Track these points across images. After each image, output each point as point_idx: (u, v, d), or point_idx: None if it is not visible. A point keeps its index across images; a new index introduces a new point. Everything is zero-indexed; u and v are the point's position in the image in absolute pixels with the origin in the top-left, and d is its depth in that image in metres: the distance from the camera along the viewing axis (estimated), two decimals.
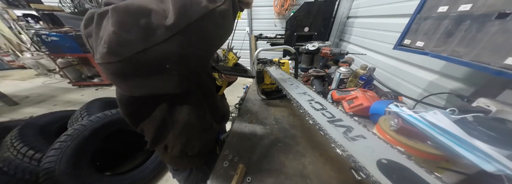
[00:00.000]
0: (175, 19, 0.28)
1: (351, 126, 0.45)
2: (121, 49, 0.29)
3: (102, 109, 1.69)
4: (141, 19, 0.28)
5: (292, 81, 0.77)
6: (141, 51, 0.29)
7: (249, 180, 0.55)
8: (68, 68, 3.66)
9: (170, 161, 0.72)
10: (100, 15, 0.30)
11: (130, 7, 0.28)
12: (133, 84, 0.37)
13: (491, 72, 0.41)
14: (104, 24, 0.29)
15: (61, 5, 3.88)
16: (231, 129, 0.84)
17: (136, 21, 0.28)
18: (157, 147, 0.65)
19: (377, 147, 0.38)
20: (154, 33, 0.29)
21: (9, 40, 4.47)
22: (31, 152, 1.26)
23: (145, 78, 0.35)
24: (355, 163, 0.34)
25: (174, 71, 0.35)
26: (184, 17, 0.29)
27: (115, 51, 0.29)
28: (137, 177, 1.51)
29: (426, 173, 0.31)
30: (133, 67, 0.32)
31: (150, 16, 0.28)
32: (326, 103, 0.56)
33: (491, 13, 0.41)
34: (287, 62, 1.08)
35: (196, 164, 0.76)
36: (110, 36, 0.27)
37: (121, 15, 0.27)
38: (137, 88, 0.39)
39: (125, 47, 0.29)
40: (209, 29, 0.33)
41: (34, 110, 2.80)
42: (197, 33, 0.32)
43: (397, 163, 0.34)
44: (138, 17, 0.28)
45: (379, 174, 0.32)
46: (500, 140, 0.38)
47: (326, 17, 1.98)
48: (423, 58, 0.80)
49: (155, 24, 0.28)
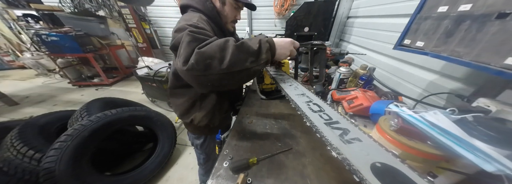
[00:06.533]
0: (227, 67, 0.50)
1: (347, 128, 0.44)
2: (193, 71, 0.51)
3: (102, 109, 1.69)
4: (207, 60, 0.50)
5: (291, 82, 0.77)
6: (202, 75, 0.51)
7: (249, 181, 0.55)
8: (68, 68, 3.67)
9: (193, 130, 1.03)
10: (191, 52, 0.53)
11: (205, 53, 0.49)
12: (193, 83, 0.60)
13: (491, 72, 0.41)
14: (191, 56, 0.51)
15: (61, 5, 3.89)
16: (231, 129, 0.84)
17: (204, 60, 0.49)
18: (183, 119, 0.94)
19: (372, 150, 0.38)
20: (211, 69, 0.50)
21: (9, 40, 4.47)
22: (31, 152, 1.26)
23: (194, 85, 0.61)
24: (350, 166, 0.34)
25: (210, 87, 0.58)
26: (231, 67, 0.51)
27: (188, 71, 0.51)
28: (137, 177, 1.51)
29: (419, 177, 0.32)
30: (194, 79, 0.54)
31: (213, 61, 0.50)
32: (324, 104, 0.56)
33: (491, 13, 0.41)
34: (287, 62, 1.08)
35: (212, 133, 1.09)
36: (189, 65, 0.50)
37: (199, 56, 0.49)
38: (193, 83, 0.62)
39: (193, 71, 0.51)
40: (242, 77, 0.56)
41: (34, 110, 2.80)
42: (234, 76, 0.54)
43: (391, 166, 0.34)
44: (206, 59, 0.49)
45: (372, 177, 0.32)
46: (500, 140, 0.38)
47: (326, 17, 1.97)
48: (423, 58, 0.80)
49: (213, 65, 0.50)
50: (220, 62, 0.50)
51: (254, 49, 0.54)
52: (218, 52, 0.50)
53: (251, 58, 0.54)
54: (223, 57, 0.50)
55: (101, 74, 3.66)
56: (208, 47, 0.50)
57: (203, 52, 0.49)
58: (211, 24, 0.75)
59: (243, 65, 0.52)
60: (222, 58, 0.50)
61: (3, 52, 4.65)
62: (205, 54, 0.49)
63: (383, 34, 1.27)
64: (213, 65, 0.50)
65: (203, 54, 0.49)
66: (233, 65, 0.51)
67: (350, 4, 1.95)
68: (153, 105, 2.88)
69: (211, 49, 0.50)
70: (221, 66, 0.50)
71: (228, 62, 0.50)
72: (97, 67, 3.53)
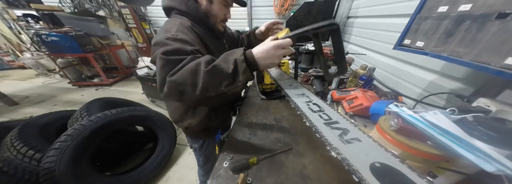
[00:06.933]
0: (200, 93, 0.49)
1: (347, 128, 0.45)
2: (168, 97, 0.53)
3: (102, 109, 1.69)
4: (179, 87, 0.50)
5: (291, 82, 0.77)
6: (179, 100, 0.53)
7: (249, 181, 0.55)
8: (68, 68, 3.67)
9: (191, 134, 1.00)
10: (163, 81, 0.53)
11: (176, 81, 0.49)
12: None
13: (491, 72, 0.41)
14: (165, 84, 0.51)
15: (61, 5, 3.89)
16: (231, 129, 0.84)
17: (177, 88, 0.50)
18: (179, 126, 0.91)
19: (372, 150, 0.38)
20: (185, 95, 0.51)
21: (9, 40, 4.47)
22: (31, 152, 1.26)
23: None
24: (349, 166, 0.34)
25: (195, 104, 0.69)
26: (205, 93, 0.50)
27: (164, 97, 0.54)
28: (137, 177, 1.50)
29: (418, 177, 0.32)
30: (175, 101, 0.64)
31: (185, 87, 0.49)
32: (324, 104, 0.56)
33: (491, 13, 0.41)
34: (287, 62, 1.08)
35: (210, 136, 1.01)
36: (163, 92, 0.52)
37: (170, 84, 0.49)
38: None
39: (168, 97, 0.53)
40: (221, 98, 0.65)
41: (34, 110, 2.80)
42: (211, 99, 0.60)
43: (390, 166, 0.34)
44: (178, 86, 0.49)
45: (371, 177, 0.32)
46: (500, 140, 0.38)
47: (326, 17, 1.98)
48: (423, 58, 0.80)
49: (186, 92, 0.50)
50: (193, 89, 0.49)
51: (228, 72, 0.48)
52: (189, 78, 0.48)
53: (225, 81, 0.49)
54: (195, 83, 0.48)
55: (101, 74, 3.66)
56: (179, 74, 0.48)
57: (175, 81, 0.48)
58: (196, 29, 0.70)
59: (218, 90, 0.50)
60: (194, 84, 0.48)
61: (3, 52, 4.65)
62: (176, 82, 0.48)
63: (383, 34, 1.27)
64: (186, 92, 0.49)
65: (175, 83, 0.48)
66: (206, 91, 0.49)
67: (350, 4, 1.95)
68: (153, 105, 2.88)
69: (181, 76, 0.48)
70: (194, 92, 0.49)
71: (201, 88, 0.48)
72: (97, 67, 3.53)
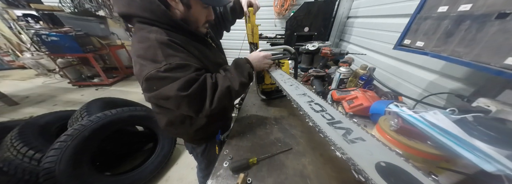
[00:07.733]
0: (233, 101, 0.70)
1: (350, 128, 0.44)
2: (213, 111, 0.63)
3: (102, 109, 1.69)
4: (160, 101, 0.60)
5: (292, 82, 0.77)
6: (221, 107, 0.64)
7: (249, 181, 0.55)
8: (68, 68, 3.67)
9: (191, 141, 0.96)
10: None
11: (217, 107, 0.60)
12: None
13: (491, 72, 0.41)
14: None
15: (61, 5, 3.88)
16: (231, 129, 0.84)
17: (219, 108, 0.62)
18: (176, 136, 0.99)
19: (376, 150, 0.38)
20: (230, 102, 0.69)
21: (9, 40, 4.47)
22: (31, 152, 1.26)
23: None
24: (354, 166, 0.34)
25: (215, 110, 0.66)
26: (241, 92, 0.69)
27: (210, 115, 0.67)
28: (137, 177, 1.51)
29: (423, 176, 0.31)
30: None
31: (229, 101, 0.66)
32: (326, 104, 0.56)
33: (491, 13, 0.41)
34: (287, 62, 1.07)
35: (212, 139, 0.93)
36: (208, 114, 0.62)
37: (213, 111, 0.61)
38: None
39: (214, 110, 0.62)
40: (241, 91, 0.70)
41: (34, 110, 2.80)
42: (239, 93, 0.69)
43: (395, 165, 0.34)
44: (221, 108, 0.63)
45: (377, 177, 0.32)
46: (500, 140, 0.38)
47: (326, 17, 1.98)
48: (423, 58, 0.80)
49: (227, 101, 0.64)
50: (230, 102, 0.74)
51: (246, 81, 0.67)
52: (226, 100, 0.63)
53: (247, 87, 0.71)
54: (232, 99, 0.68)
55: (101, 74, 3.66)
56: (217, 103, 0.59)
57: (216, 107, 0.60)
58: (175, 39, 0.59)
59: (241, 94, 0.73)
60: (232, 100, 0.68)
61: (3, 52, 4.65)
62: (219, 107, 0.61)
63: (383, 34, 1.27)
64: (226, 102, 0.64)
65: (217, 108, 0.60)
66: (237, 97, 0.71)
67: (350, 4, 1.95)
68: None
69: (220, 103, 0.60)
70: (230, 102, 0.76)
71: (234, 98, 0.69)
72: (97, 67, 3.53)
